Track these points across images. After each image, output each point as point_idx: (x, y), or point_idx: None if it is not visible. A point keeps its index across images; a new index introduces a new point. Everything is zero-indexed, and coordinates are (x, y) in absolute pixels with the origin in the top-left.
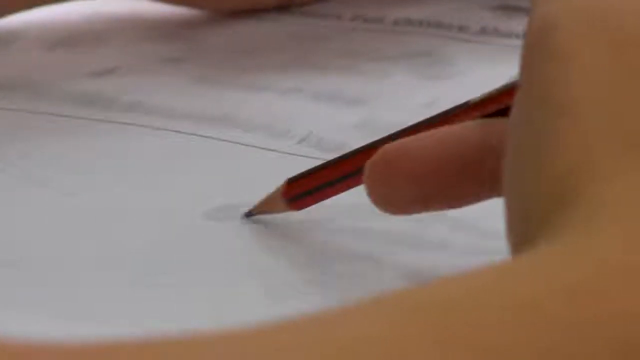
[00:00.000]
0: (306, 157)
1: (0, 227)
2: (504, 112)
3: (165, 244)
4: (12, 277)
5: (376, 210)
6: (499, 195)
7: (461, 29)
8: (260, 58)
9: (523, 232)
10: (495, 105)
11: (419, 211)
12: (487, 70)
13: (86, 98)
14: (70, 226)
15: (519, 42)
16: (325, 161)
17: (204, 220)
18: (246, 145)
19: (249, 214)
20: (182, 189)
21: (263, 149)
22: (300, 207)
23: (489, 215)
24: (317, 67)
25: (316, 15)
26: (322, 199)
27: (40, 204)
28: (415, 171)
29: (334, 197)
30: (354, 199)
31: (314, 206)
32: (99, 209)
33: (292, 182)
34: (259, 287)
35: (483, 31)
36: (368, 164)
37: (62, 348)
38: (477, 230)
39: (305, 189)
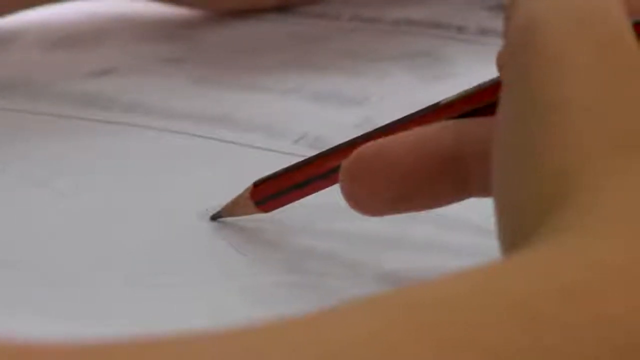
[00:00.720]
0: (305, 157)
1: (0, 227)
2: (478, 112)
3: (165, 244)
4: (12, 278)
5: (351, 210)
6: (474, 195)
7: (460, 29)
8: (260, 58)
9: (515, 232)
10: (469, 105)
11: (394, 212)
12: (486, 70)
13: (86, 98)
14: (70, 226)
15: None
16: (294, 163)
17: (203, 220)
18: (246, 145)
19: (216, 217)
20: (181, 189)
21: (263, 149)
22: (268, 209)
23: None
24: (316, 67)
25: (315, 15)
26: (291, 201)
27: (40, 204)
28: (391, 173)
29: (309, 198)
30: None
31: (288, 207)
32: (99, 209)
33: (258, 184)
34: (258, 287)
35: (482, 31)
36: (343, 166)
37: (62, 348)
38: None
39: (272, 191)
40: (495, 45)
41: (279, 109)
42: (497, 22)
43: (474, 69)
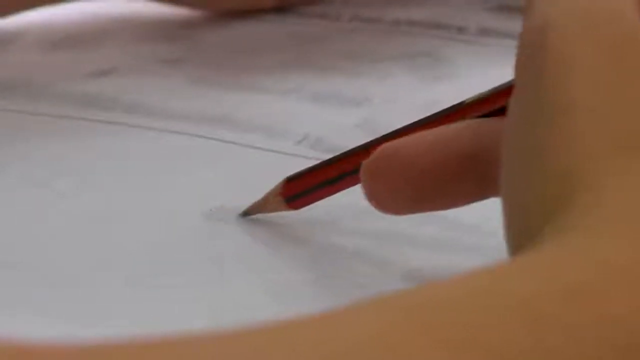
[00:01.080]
0: (305, 157)
1: (0, 228)
2: (498, 113)
3: (165, 245)
4: (12, 278)
5: (374, 210)
6: (494, 195)
7: (461, 29)
8: (260, 58)
9: (522, 233)
10: (490, 105)
11: (415, 211)
12: (487, 71)
13: (86, 99)
14: (71, 227)
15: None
16: (322, 160)
17: (204, 221)
18: (246, 146)
19: (245, 214)
20: (182, 189)
21: (263, 149)
22: (298, 207)
23: (488, 214)
24: (316, 67)
25: (315, 15)
26: (320, 198)
27: (40, 205)
28: (411, 172)
29: (333, 197)
30: (354, 199)
31: (312, 206)
32: (99, 209)
33: (290, 181)
34: (258, 288)
35: (482, 32)
36: (364, 164)
37: (62, 348)
38: (475, 229)
39: (303, 188)
40: (496, 46)
41: (278, 110)
42: (497, 23)
43: (474, 70)
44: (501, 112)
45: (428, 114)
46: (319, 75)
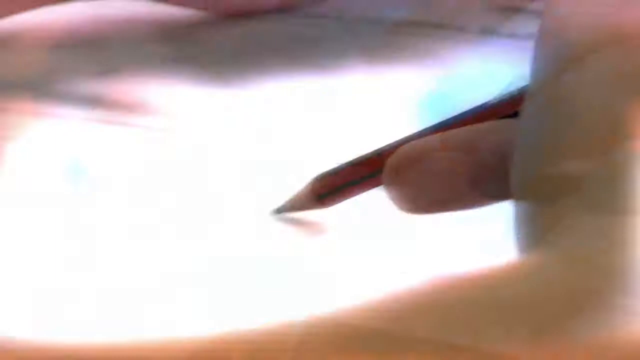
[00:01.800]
0: (307, 158)
1: (0, 228)
2: None
3: (166, 245)
4: (12, 277)
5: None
6: None
7: (461, 29)
8: (261, 58)
9: (528, 234)
10: (514, 106)
11: (437, 211)
12: (487, 71)
13: (87, 99)
14: (70, 226)
15: (519, 43)
16: (353, 158)
17: (205, 221)
18: (246, 146)
19: (278, 211)
20: (183, 189)
21: (263, 149)
22: (328, 204)
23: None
24: (317, 67)
25: (317, 16)
26: (351, 196)
27: (40, 205)
28: (434, 173)
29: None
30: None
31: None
32: (99, 209)
33: (320, 179)
34: (259, 288)
35: (483, 31)
36: (386, 164)
37: (62, 348)
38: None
39: (333, 187)
40: (497, 46)
41: (279, 110)
42: (498, 23)
43: (474, 70)
44: None
45: (429, 114)
46: (320, 76)
